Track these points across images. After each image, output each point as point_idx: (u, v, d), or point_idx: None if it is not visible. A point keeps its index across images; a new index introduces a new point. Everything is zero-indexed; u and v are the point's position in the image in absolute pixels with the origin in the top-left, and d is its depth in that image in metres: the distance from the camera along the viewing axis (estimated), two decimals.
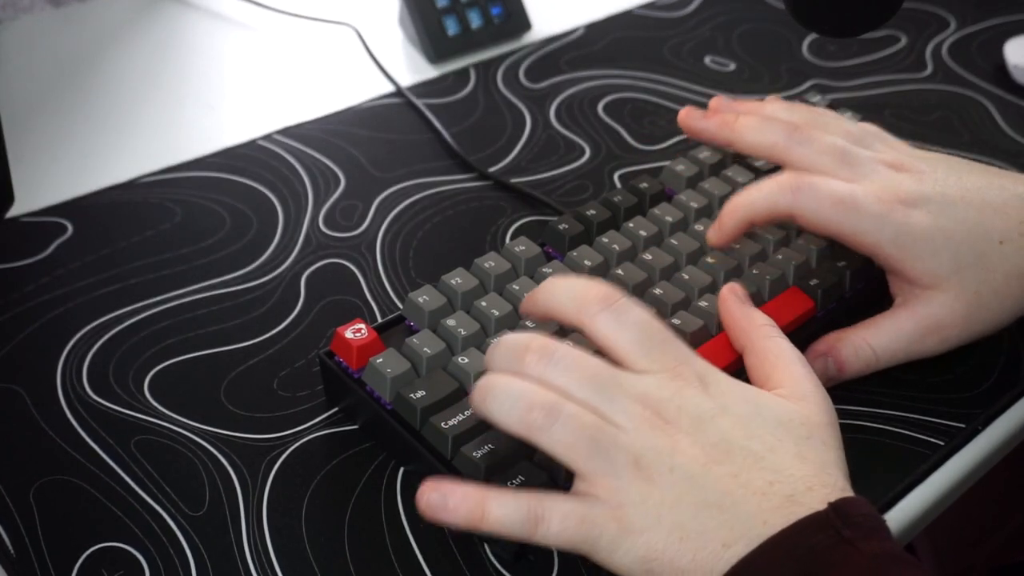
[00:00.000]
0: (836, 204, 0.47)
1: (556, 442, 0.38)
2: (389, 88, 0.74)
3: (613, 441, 0.37)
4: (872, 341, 0.49)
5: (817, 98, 0.66)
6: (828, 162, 0.50)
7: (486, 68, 0.77)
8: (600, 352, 0.40)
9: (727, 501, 0.36)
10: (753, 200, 0.49)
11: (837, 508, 0.36)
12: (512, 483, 0.41)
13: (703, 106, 0.66)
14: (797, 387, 0.41)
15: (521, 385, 0.39)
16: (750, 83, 0.76)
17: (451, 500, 0.38)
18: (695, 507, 0.36)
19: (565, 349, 0.39)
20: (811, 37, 0.82)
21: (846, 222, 0.47)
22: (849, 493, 0.38)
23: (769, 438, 0.38)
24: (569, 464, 0.38)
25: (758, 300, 0.51)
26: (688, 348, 0.41)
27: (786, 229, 0.55)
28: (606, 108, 0.72)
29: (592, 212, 0.55)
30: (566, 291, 0.42)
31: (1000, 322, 0.49)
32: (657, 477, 0.37)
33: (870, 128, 0.54)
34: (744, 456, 0.38)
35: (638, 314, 0.40)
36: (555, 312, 0.42)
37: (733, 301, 0.45)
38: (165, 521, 0.44)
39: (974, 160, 0.52)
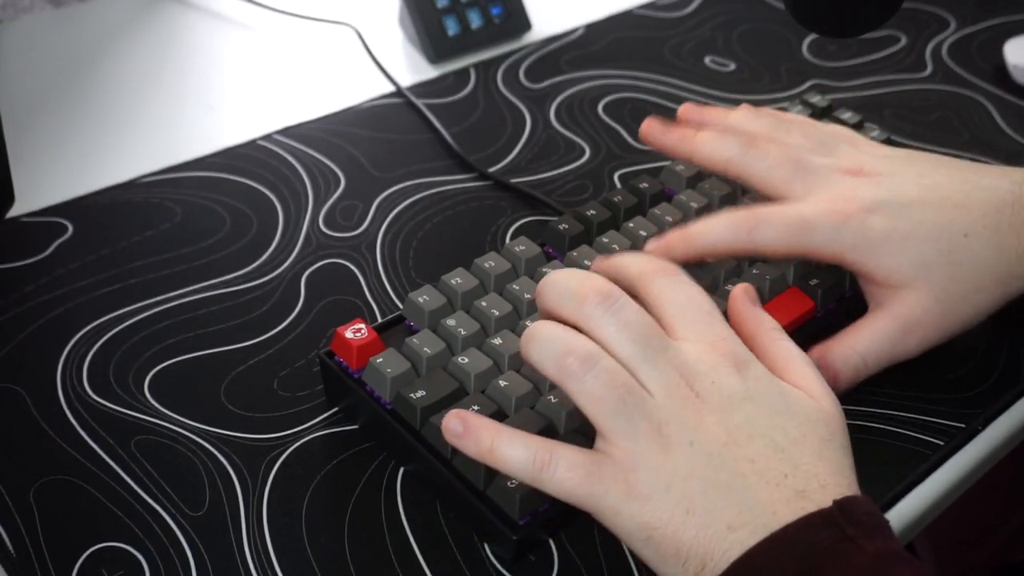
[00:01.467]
0: (789, 229, 0.48)
1: (585, 392, 0.38)
2: (389, 88, 0.74)
3: (640, 405, 0.38)
4: (857, 346, 0.48)
5: (817, 98, 0.67)
6: (781, 176, 0.50)
7: (486, 68, 0.77)
8: None
9: (739, 484, 0.37)
10: (710, 240, 0.49)
11: (842, 506, 0.36)
12: (511, 483, 0.41)
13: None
14: (812, 389, 0.41)
15: (563, 332, 0.39)
16: (750, 83, 0.76)
17: (467, 431, 0.39)
18: (706, 484, 0.37)
19: (625, 298, 0.40)
20: (811, 37, 0.82)
21: (803, 243, 0.48)
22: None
23: (794, 432, 0.38)
24: (592, 418, 0.38)
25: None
26: (732, 331, 0.41)
27: None
28: (606, 108, 0.72)
29: (592, 212, 0.55)
30: (633, 258, 0.43)
31: (975, 316, 0.49)
32: (675, 447, 0.37)
33: (839, 130, 0.54)
34: (765, 445, 0.38)
35: (693, 288, 0.42)
36: (619, 275, 0.43)
37: (743, 301, 0.45)
38: (165, 521, 0.44)
39: (973, 160, 0.52)
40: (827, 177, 0.50)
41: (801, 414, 0.39)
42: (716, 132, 0.53)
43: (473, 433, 0.39)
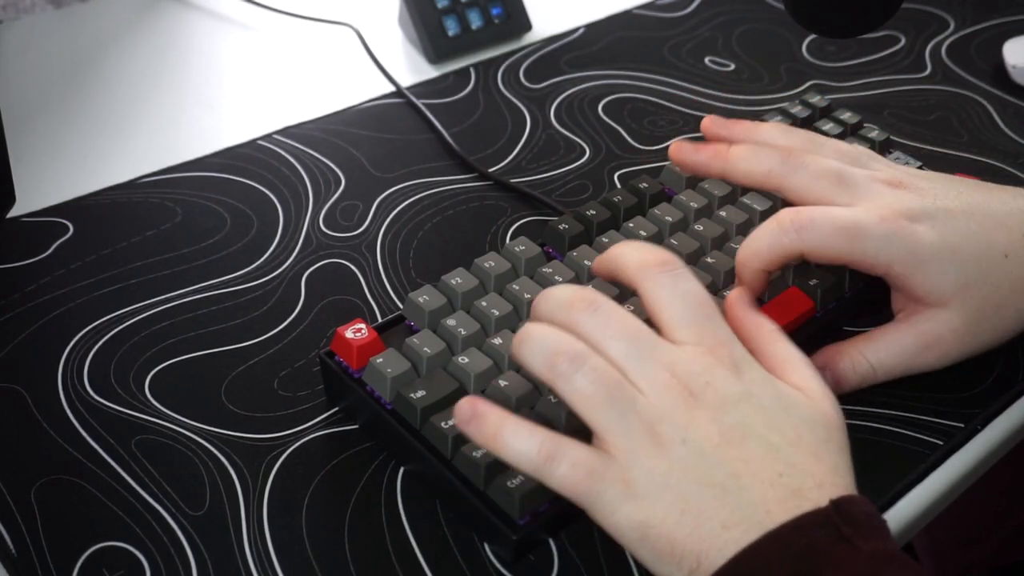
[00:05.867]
0: (841, 233, 0.46)
1: (575, 391, 0.38)
2: (389, 88, 0.74)
3: (631, 402, 0.38)
4: (870, 356, 0.48)
5: (816, 98, 0.67)
6: (825, 187, 0.49)
7: (486, 68, 0.77)
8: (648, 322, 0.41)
9: (733, 484, 0.37)
10: (759, 250, 0.48)
11: (838, 505, 0.36)
12: (512, 483, 0.41)
13: (703, 108, 0.66)
14: (811, 390, 0.41)
15: (554, 332, 0.39)
16: (750, 83, 0.76)
17: (476, 417, 0.39)
18: (700, 483, 0.37)
19: (612, 304, 0.40)
20: (811, 37, 0.82)
21: (855, 249, 0.47)
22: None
23: (790, 433, 0.38)
24: (584, 417, 0.38)
25: (758, 300, 0.51)
26: (731, 331, 0.41)
27: None
28: (606, 108, 0.73)
29: (592, 212, 0.55)
30: (632, 250, 0.43)
31: (1000, 338, 0.49)
32: (668, 446, 0.37)
33: (863, 149, 0.53)
34: (759, 445, 0.38)
35: (693, 286, 0.41)
36: (618, 269, 0.43)
37: (740, 306, 0.45)
38: (166, 521, 0.44)
39: (972, 161, 0.52)
40: (869, 187, 0.48)
41: (798, 415, 0.39)
42: (750, 147, 0.51)
43: (479, 418, 0.39)
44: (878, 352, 0.48)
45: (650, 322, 0.41)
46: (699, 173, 0.54)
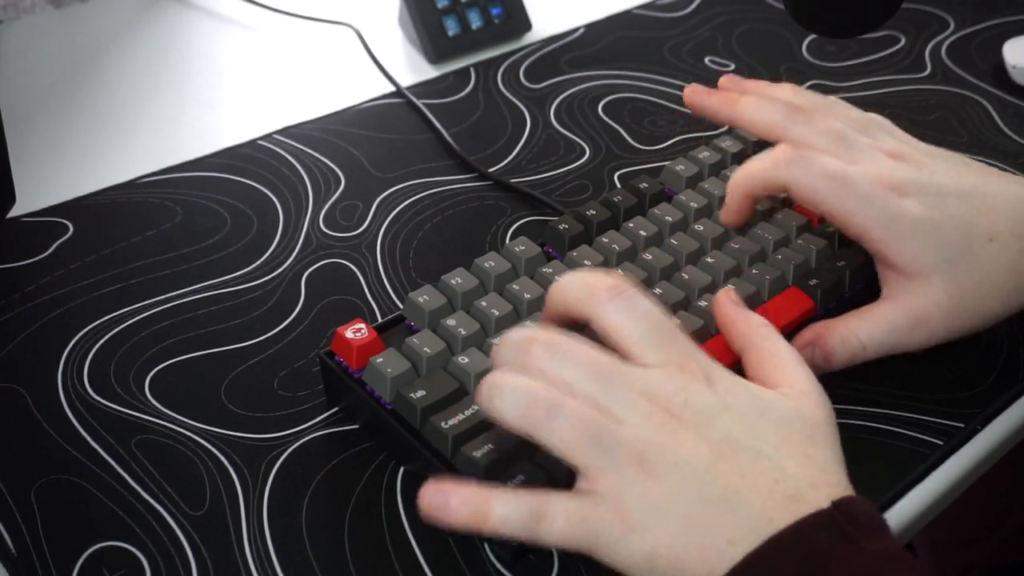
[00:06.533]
0: (828, 179, 0.48)
1: (557, 438, 0.38)
2: (389, 88, 0.74)
3: (614, 436, 0.37)
4: (859, 332, 0.48)
5: None
6: (825, 143, 0.50)
7: (486, 68, 0.77)
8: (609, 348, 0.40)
9: (733, 499, 0.36)
10: (751, 173, 0.50)
11: (840, 506, 0.36)
12: (511, 483, 0.41)
13: None
14: (797, 386, 0.41)
15: (525, 382, 0.38)
16: None
17: (453, 501, 0.38)
18: (700, 503, 0.36)
19: (569, 342, 0.39)
20: (811, 37, 0.82)
21: (836, 200, 0.48)
22: (850, 491, 0.38)
23: (773, 437, 0.38)
24: (570, 460, 0.38)
25: (758, 300, 0.51)
26: (694, 344, 0.41)
27: (786, 230, 0.55)
28: (606, 108, 0.73)
29: (592, 212, 0.55)
30: (577, 282, 0.42)
31: (987, 319, 0.49)
32: (661, 472, 0.37)
33: (878, 119, 0.53)
34: (749, 454, 0.38)
35: (646, 305, 0.40)
36: (567, 305, 0.42)
37: (728, 304, 0.46)
38: (166, 520, 0.44)
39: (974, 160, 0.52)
40: (870, 153, 0.49)
41: (776, 417, 0.39)
42: (760, 97, 0.53)
43: (462, 502, 0.38)
44: (867, 329, 0.48)
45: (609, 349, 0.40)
46: (708, 117, 0.55)
